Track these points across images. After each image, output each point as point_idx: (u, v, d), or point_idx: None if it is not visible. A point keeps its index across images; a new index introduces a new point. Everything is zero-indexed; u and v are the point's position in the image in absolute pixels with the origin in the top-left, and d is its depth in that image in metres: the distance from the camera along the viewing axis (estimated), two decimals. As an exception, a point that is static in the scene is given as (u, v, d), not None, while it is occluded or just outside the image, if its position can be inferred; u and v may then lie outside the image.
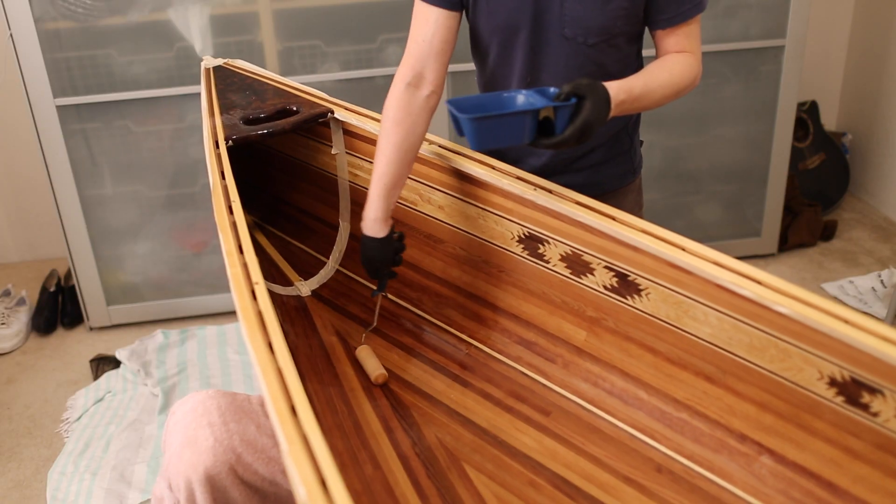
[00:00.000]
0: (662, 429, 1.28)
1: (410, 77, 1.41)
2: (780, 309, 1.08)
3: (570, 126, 1.22)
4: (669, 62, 1.39)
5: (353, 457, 1.27)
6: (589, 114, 1.21)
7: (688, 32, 1.40)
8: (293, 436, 0.82)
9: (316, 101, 1.70)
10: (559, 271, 1.38)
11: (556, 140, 1.23)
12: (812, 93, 3.36)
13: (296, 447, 0.81)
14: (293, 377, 0.90)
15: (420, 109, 1.41)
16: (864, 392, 1.04)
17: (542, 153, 1.53)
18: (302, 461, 0.79)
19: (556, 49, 1.41)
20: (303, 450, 0.80)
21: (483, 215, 1.47)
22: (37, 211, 3.14)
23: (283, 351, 0.95)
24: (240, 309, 1.04)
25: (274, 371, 0.91)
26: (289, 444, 0.81)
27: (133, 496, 1.93)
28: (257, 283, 1.08)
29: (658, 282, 1.24)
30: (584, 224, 1.30)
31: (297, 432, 0.83)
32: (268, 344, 0.97)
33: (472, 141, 1.24)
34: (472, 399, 1.41)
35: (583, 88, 1.22)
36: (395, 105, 1.41)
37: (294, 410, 0.86)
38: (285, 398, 0.87)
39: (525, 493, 1.24)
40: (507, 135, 1.23)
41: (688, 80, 1.39)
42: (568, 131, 1.22)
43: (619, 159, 1.58)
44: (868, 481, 1.07)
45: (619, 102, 1.28)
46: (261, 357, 0.94)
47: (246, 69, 1.87)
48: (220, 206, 1.29)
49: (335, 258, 1.75)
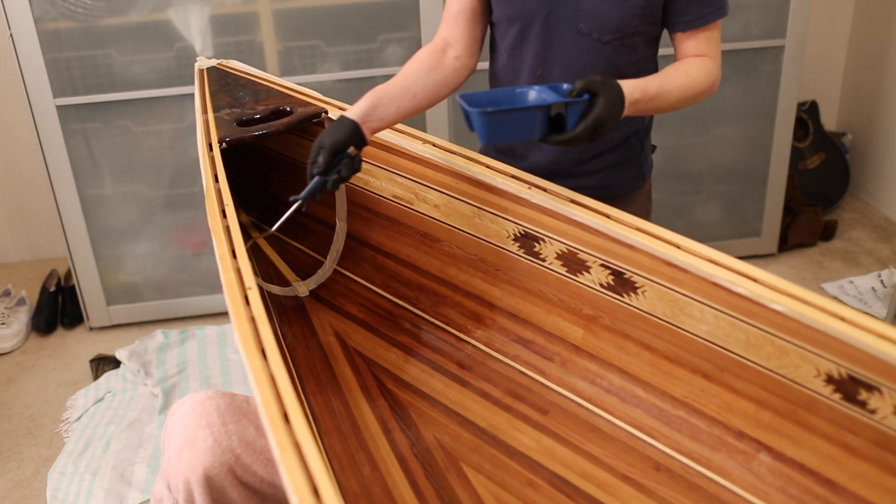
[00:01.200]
0: (660, 426, 1.27)
1: (439, 43, 1.42)
2: (777, 307, 1.07)
3: (582, 123, 1.18)
4: (687, 65, 1.36)
5: (352, 458, 1.27)
6: (601, 111, 1.18)
7: (708, 37, 1.37)
8: (285, 443, 0.82)
9: (310, 100, 1.70)
10: (555, 269, 1.38)
11: (566, 136, 1.19)
12: (812, 93, 3.35)
13: (288, 454, 0.80)
14: (286, 384, 0.90)
15: (447, 67, 1.42)
16: (861, 389, 1.04)
17: (550, 150, 1.51)
18: (294, 469, 0.78)
19: (570, 44, 1.39)
20: (295, 457, 0.80)
21: (479, 214, 1.46)
22: (37, 211, 3.15)
23: (276, 357, 0.94)
24: (233, 314, 1.04)
25: (266, 377, 0.91)
26: (281, 451, 0.81)
27: (133, 496, 1.93)
28: (250, 288, 1.08)
29: (654, 280, 1.23)
30: (579, 222, 1.30)
31: (290, 439, 0.82)
32: (261, 350, 0.96)
33: (482, 135, 1.21)
34: (471, 398, 1.41)
35: (596, 85, 1.19)
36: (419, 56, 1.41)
37: (287, 417, 0.86)
38: (278, 405, 0.87)
39: (523, 492, 1.23)
40: (518, 130, 1.20)
41: (705, 85, 1.36)
42: (579, 128, 1.18)
43: (628, 164, 1.56)
44: (866, 478, 1.07)
45: (633, 101, 1.24)
46: (253, 363, 0.93)
47: (239, 70, 1.87)
48: (214, 210, 1.28)
49: (332, 258, 1.75)
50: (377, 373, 1.49)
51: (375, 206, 1.67)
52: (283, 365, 0.93)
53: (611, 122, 1.20)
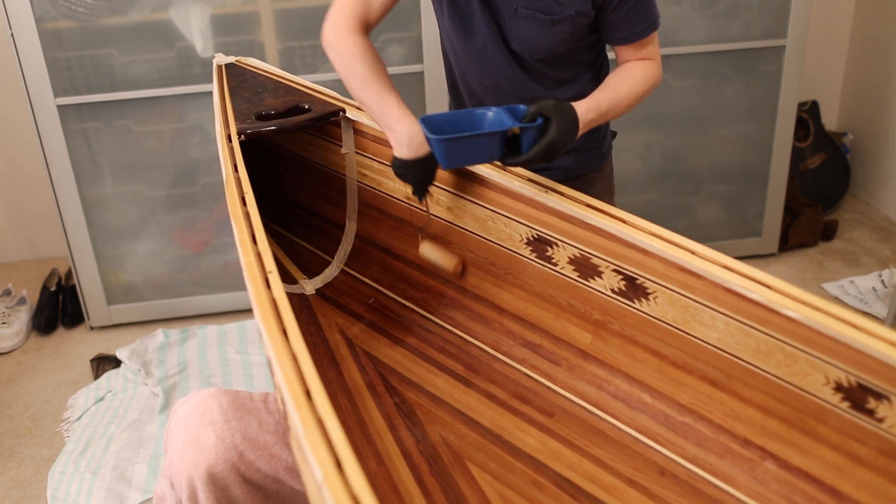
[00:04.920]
0: (666, 432, 1.28)
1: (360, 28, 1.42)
2: (790, 313, 1.09)
3: (536, 146, 1.26)
4: (631, 71, 1.42)
5: (357, 452, 1.27)
6: (554, 135, 1.25)
7: (645, 43, 1.43)
8: (309, 419, 0.82)
9: (328, 99, 1.71)
10: (567, 274, 1.39)
11: (520, 159, 1.27)
12: (812, 93, 3.36)
13: (311, 430, 0.81)
14: (308, 362, 0.91)
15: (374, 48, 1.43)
16: (870, 397, 1.05)
17: None
18: (318, 444, 0.79)
19: (508, 59, 1.46)
20: (318, 432, 0.81)
21: (492, 217, 1.47)
22: (37, 210, 3.14)
23: (298, 337, 0.95)
24: (254, 297, 1.05)
25: (289, 356, 0.92)
26: (304, 427, 0.81)
27: (133, 496, 1.92)
28: (271, 271, 1.09)
29: (666, 285, 1.24)
30: (593, 226, 1.31)
31: (313, 416, 0.83)
32: (282, 330, 0.97)
33: (443, 159, 1.28)
34: (476, 399, 1.41)
35: (548, 110, 1.26)
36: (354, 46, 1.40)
37: (309, 394, 0.86)
38: (300, 382, 0.88)
39: (528, 492, 1.24)
40: (476, 154, 1.29)
41: (649, 85, 1.43)
42: (532, 151, 1.26)
43: (587, 146, 1.61)
44: (871, 487, 1.08)
45: (587, 122, 1.32)
46: (276, 343, 0.94)
47: (257, 67, 1.89)
48: (234, 198, 1.29)
49: (340, 258, 1.75)
50: (383, 371, 1.49)
51: (386, 207, 1.68)
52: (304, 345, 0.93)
53: (565, 145, 1.27)
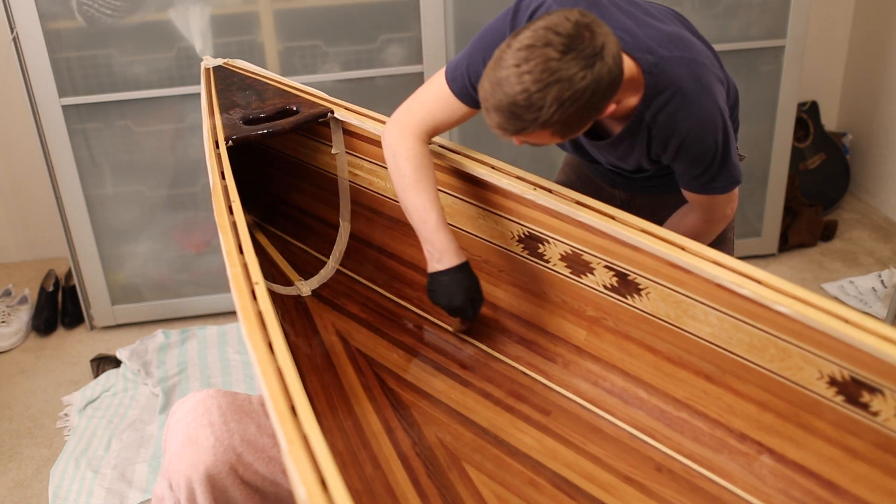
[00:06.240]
0: (662, 428, 1.28)
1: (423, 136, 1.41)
2: (781, 308, 1.08)
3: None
4: (680, 217, 1.49)
5: (354, 456, 1.27)
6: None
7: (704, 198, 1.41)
8: (293, 436, 0.82)
9: (316, 100, 1.70)
10: (559, 271, 1.38)
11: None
12: (812, 93, 3.35)
13: (296, 447, 0.81)
14: (293, 377, 0.90)
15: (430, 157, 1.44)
16: (863, 391, 1.04)
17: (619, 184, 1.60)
18: (302, 461, 0.79)
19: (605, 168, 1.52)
20: (303, 449, 0.80)
21: (483, 215, 1.47)
22: (37, 211, 3.14)
23: (283, 351, 0.95)
24: (240, 309, 1.04)
25: (274, 371, 0.92)
26: (289, 443, 0.81)
27: (134, 496, 1.93)
28: (257, 283, 1.08)
29: (658, 281, 1.24)
30: (584, 223, 1.30)
31: (297, 432, 0.83)
32: (268, 344, 0.97)
33: None
34: (473, 398, 1.41)
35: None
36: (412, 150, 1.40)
37: (294, 410, 0.86)
38: (285, 398, 0.87)
39: (525, 492, 1.24)
40: None
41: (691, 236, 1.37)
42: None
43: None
44: (868, 480, 1.08)
45: None
46: (261, 357, 0.94)
47: (246, 69, 1.87)
48: (220, 207, 1.29)
49: (335, 258, 1.75)
50: (379, 372, 1.49)
51: (379, 207, 1.68)
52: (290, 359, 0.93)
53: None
